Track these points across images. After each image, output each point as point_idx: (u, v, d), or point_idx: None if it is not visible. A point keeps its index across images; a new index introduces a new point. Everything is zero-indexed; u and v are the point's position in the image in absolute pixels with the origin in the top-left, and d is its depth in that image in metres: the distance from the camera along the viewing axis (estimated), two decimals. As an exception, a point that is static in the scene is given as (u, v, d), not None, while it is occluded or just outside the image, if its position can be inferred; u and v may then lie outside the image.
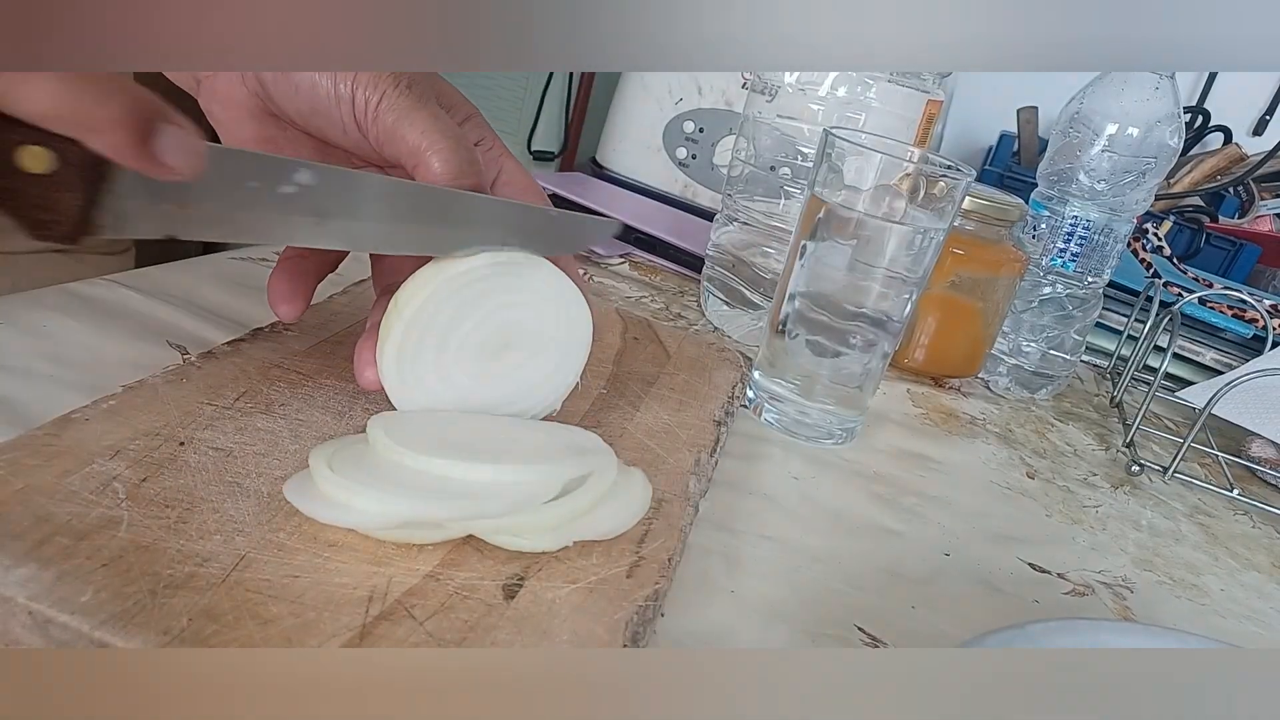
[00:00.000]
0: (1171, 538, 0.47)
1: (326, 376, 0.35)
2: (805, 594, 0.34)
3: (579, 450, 0.31)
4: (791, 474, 0.43)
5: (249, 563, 0.25)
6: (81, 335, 0.37)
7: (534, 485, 0.28)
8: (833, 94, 0.53)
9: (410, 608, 0.25)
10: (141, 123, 0.23)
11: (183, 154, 0.24)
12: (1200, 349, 0.70)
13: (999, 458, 0.52)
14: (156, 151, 0.23)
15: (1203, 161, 1.07)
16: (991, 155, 1.24)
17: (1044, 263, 0.60)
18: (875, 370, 0.46)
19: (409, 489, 0.27)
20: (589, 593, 0.27)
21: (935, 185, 0.42)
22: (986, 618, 0.35)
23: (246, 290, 0.46)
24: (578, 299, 0.34)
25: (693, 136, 0.84)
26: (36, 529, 0.23)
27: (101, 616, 0.22)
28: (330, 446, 0.29)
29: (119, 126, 0.23)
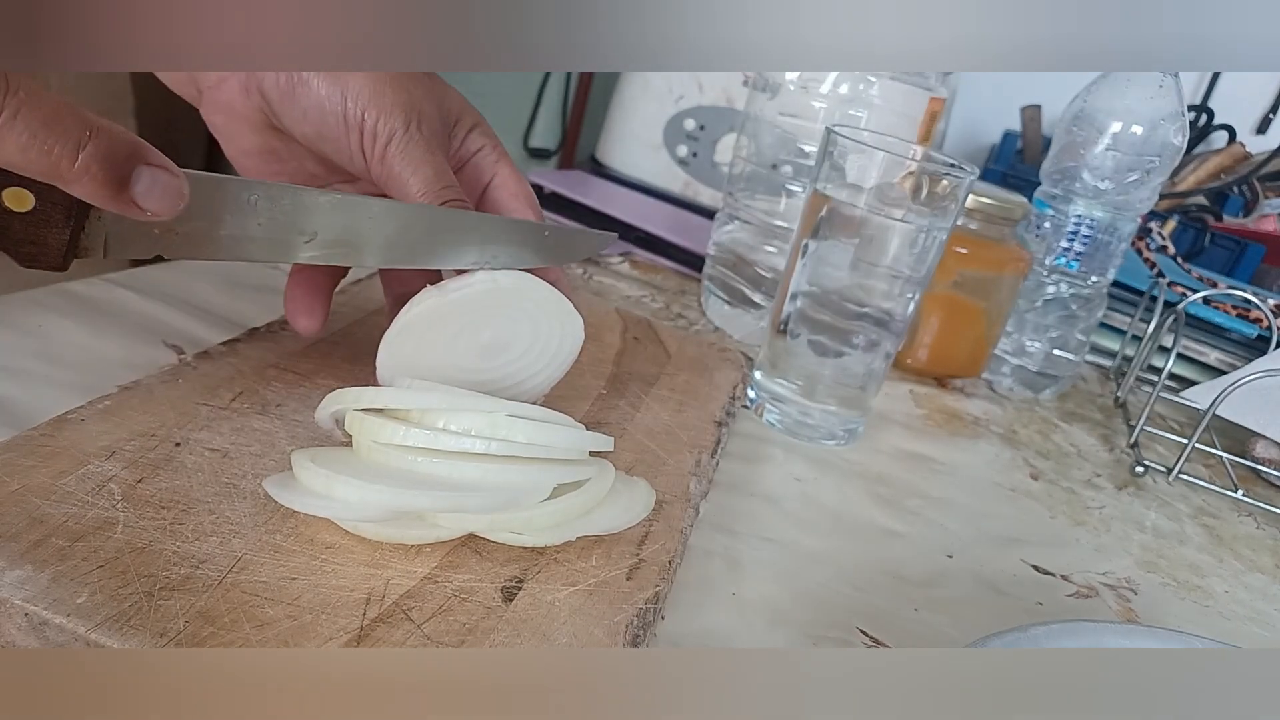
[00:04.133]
0: (1176, 539, 0.47)
1: (323, 376, 0.35)
2: (807, 596, 0.34)
3: (577, 450, 0.31)
4: (793, 475, 0.42)
5: (245, 565, 0.24)
6: (77, 335, 0.37)
7: (523, 485, 0.28)
8: (835, 91, 0.52)
9: (408, 610, 0.24)
10: (116, 170, 0.23)
11: (161, 196, 0.24)
12: (1205, 349, 0.70)
13: (1002, 459, 0.51)
14: (134, 196, 0.23)
15: (1207, 160, 1.07)
16: (995, 153, 1.24)
17: (1048, 262, 0.60)
18: (878, 370, 0.46)
19: (390, 479, 0.27)
20: (588, 595, 0.27)
21: (938, 184, 0.41)
22: (989, 620, 0.35)
23: (242, 290, 0.45)
24: (573, 317, 0.34)
25: (693, 134, 0.84)
26: (32, 530, 0.23)
27: (97, 618, 0.21)
28: (315, 449, 0.28)
29: (91, 178, 0.23)
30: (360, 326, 0.40)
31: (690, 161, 0.84)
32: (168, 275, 0.45)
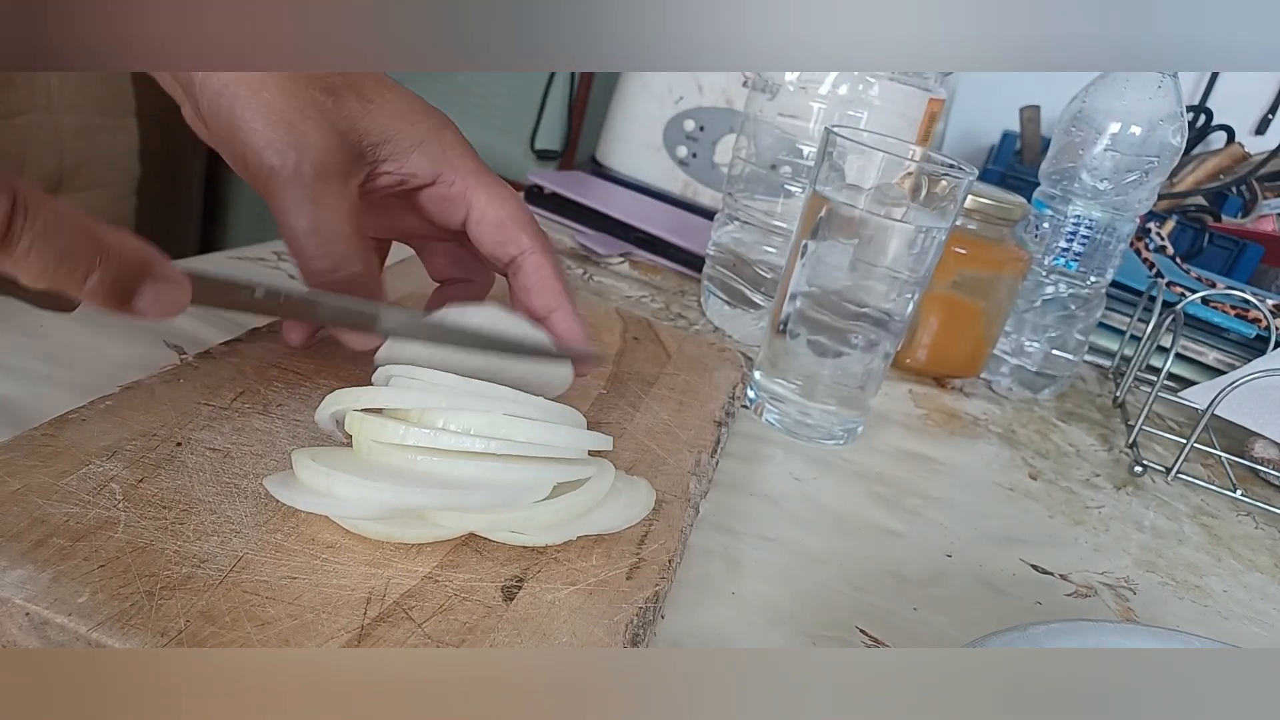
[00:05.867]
0: (1174, 539, 0.47)
1: (324, 376, 0.35)
2: (806, 596, 0.34)
3: (576, 450, 0.31)
4: (793, 475, 0.42)
5: (246, 564, 0.24)
6: (78, 335, 0.37)
7: (522, 483, 0.28)
8: (834, 92, 0.52)
9: (409, 609, 0.24)
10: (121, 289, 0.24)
11: (162, 308, 0.25)
12: (1203, 349, 0.70)
13: (1001, 458, 0.51)
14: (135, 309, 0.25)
15: (1205, 161, 1.07)
16: (994, 154, 1.24)
17: (1046, 262, 0.60)
18: (877, 370, 0.46)
19: (390, 478, 0.27)
20: (589, 594, 0.27)
21: (937, 184, 0.41)
22: (989, 619, 0.35)
23: (246, 289, 0.45)
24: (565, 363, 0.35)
25: (693, 135, 0.84)
26: (33, 530, 0.23)
27: (99, 618, 0.21)
28: (315, 448, 0.29)
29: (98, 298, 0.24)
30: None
31: (690, 162, 0.84)
32: (168, 275, 0.45)
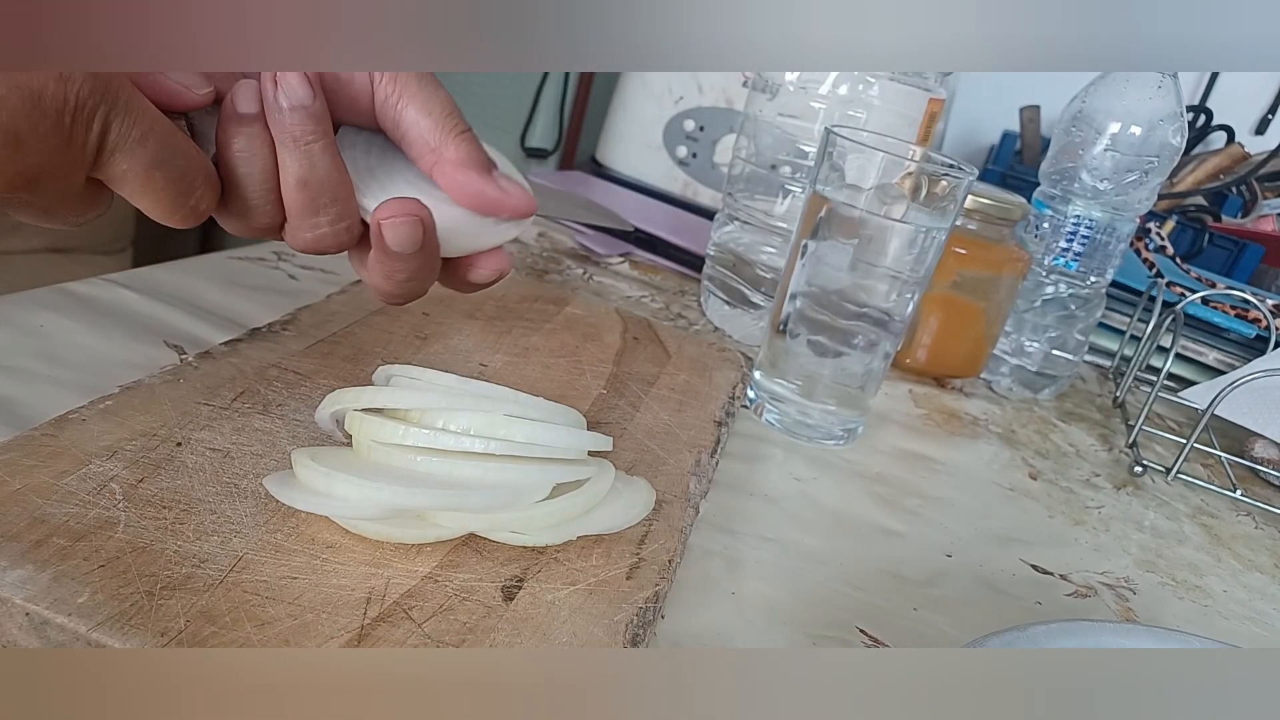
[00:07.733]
0: (1174, 539, 0.47)
1: (324, 376, 0.35)
2: (806, 596, 0.34)
3: (576, 450, 0.31)
4: (793, 475, 0.42)
5: (246, 564, 0.24)
6: (78, 335, 0.37)
7: (522, 484, 0.28)
8: (834, 92, 0.52)
9: (409, 609, 0.24)
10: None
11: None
12: (1203, 349, 0.70)
13: (1001, 458, 0.51)
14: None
15: (1205, 161, 1.07)
16: (994, 154, 1.24)
17: (1046, 262, 0.60)
18: (877, 370, 0.46)
19: (390, 478, 0.27)
20: (588, 594, 0.27)
21: (937, 184, 0.41)
22: (988, 619, 0.35)
23: (244, 290, 0.45)
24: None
25: (693, 135, 0.84)
26: (33, 530, 0.23)
27: (98, 618, 0.21)
28: (315, 448, 0.28)
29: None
30: (360, 326, 0.40)
31: (690, 162, 0.84)
32: (168, 275, 0.45)
